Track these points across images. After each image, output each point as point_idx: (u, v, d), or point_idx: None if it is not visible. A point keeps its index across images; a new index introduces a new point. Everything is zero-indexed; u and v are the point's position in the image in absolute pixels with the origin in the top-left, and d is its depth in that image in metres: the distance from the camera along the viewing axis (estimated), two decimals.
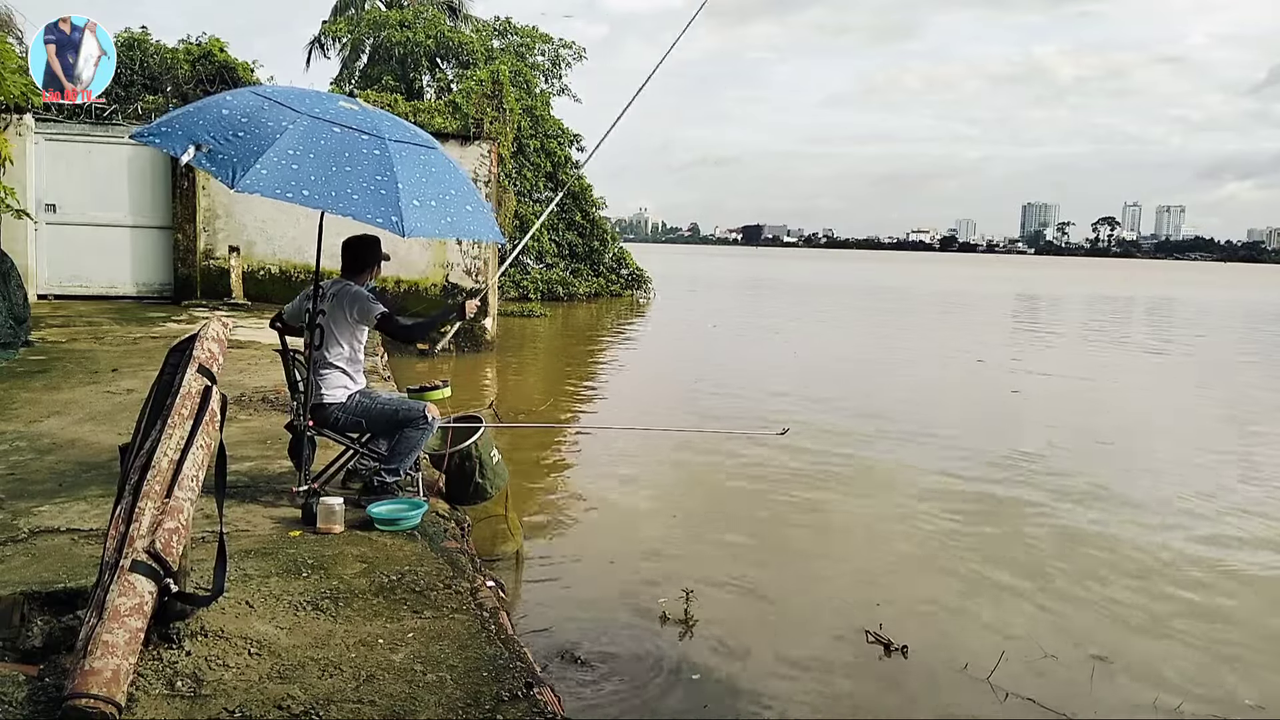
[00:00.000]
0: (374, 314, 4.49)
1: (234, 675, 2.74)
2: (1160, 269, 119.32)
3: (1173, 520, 7.14)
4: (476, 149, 14.26)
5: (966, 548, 6.38)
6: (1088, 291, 48.53)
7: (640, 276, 29.54)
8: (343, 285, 4.57)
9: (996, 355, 17.87)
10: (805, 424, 9.98)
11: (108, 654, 2.40)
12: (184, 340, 3.20)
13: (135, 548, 2.64)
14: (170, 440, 2.87)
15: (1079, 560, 6.20)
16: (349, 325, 4.51)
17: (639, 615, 4.99)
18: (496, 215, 5.92)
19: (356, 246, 4.65)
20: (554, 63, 29.00)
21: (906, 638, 4.72)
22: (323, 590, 3.41)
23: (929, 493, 7.65)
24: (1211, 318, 31.95)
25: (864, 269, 77.04)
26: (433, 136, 4.43)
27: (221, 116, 3.69)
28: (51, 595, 3.19)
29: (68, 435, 5.63)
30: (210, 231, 13.60)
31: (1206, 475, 8.69)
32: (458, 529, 4.51)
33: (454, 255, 14.35)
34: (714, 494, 7.68)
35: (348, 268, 4.66)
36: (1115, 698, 4.35)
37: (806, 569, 6.00)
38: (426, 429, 4.52)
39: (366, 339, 4.67)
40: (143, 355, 8.65)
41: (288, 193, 3.54)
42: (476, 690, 2.77)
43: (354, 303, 4.49)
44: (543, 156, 25.89)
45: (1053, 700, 4.21)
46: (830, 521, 7.04)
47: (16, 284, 8.91)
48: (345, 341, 4.52)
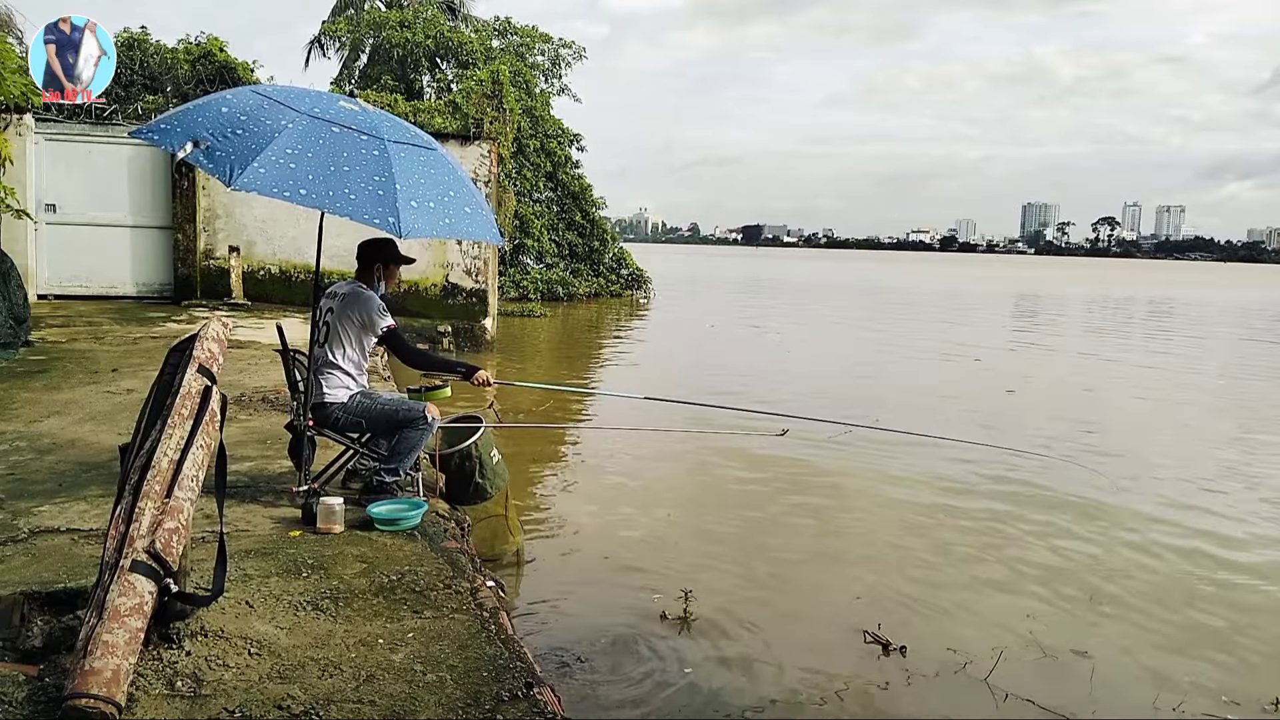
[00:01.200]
0: (380, 326, 4.49)
1: (234, 675, 2.74)
2: (1160, 269, 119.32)
3: (1172, 519, 7.13)
4: (476, 149, 14.27)
5: (965, 547, 6.38)
6: (1088, 292, 48.53)
7: (640, 276, 29.55)
8: (354, 287, 4.57)
9: (995, 355, 17.88)
10: (803, 424, 9.97)
11: (108, 654, 2.40)
12: (184, 340, 3.20)
13: (135, 548, 2.64)
14: (170, 440, 2.87)
15: (1078, 560, 6.20)
16: (355, 328, 4.51)
17: (638, 615, 4.98)
18: (496, 215, 5.93)
19: (363, 246, 4.65)
20: (554, 63, 29.01)
21: (905, 637, 4.72)
22: (323, 590, 3.41)
23: (928, 493, 7.65)
24: (1210, 317, 31.95)
25: (864, 269, 77.04)
26: (433, 137, 4.43)
27: (221, 115, 3.70)
28: (51, 595, 3.19)
29: (68, 435, 5.63)
30: (210, 231, 13.61)
31: (1206, 474, 8.68)
32: (458, 529, 4.51)
33: (454, 255, 14.35)
34: (713, 494, 7.68)
35: (358, 269, 4.68)
36: (1115, 698, 4.35)
37: (805, 569, 6.00)
38: (427, 429, 4.52)
39: (372, 345, 4.67)
40: (143, 355, 8.66)
41: (285, 191, 3.54)
42: (476, 690, 2.77)
43: (364, 309, 4.49)
44: (542, 156, 25.89)
45: (1053, 700, 4.20)
46: (829, 521, 7.04)
47: (16, 284, 8.91)
48: (350, 343, 4.52)
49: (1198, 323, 29.64)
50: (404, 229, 3.64)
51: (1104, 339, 23.37)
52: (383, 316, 4.51)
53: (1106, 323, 29.45)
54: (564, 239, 27.26)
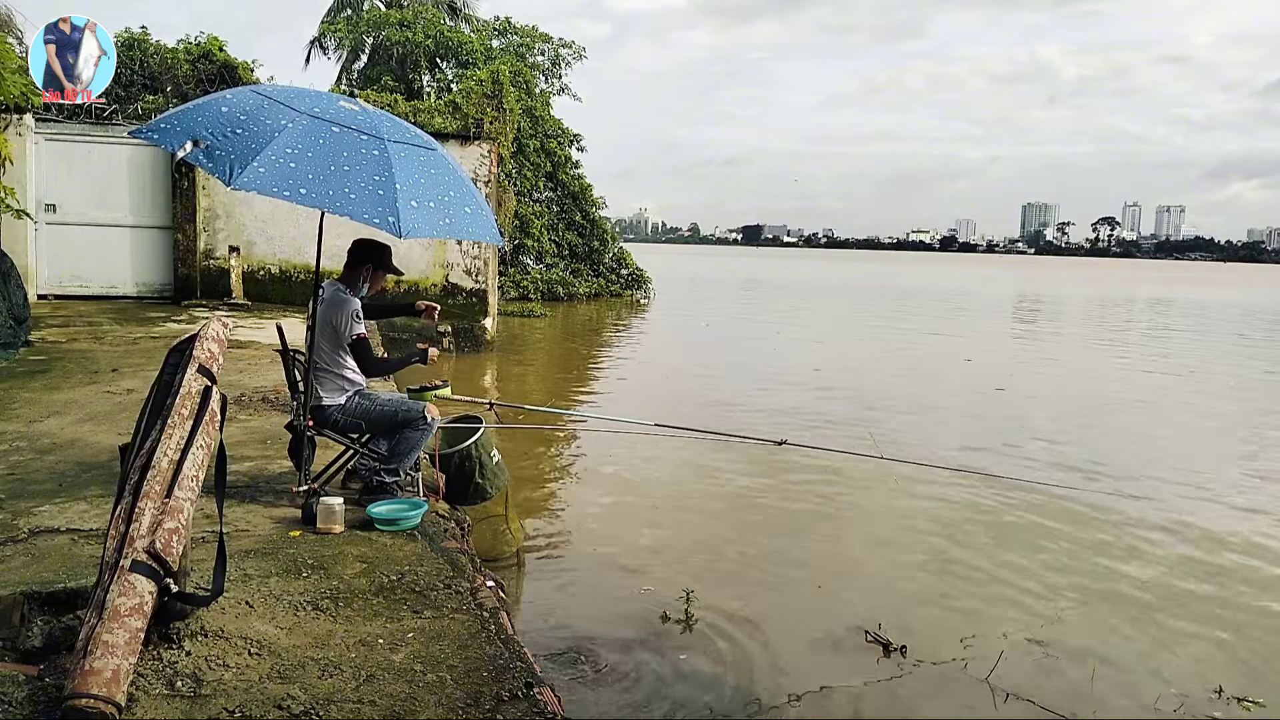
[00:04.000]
0: (350, 334, 4.47)
1: (234, 675, 2.74)
2: (1160, 269, 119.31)
3: (1171, 518, 7.13)
4: (476, 149, 14.26)
5: (965, 548, 6.38)
6: (1087, 292, 48.51)
7: (640, 276, 29.56)
8: (336, 290, 4.55)
9: (994, 354, 17.88)
10: (802, 421, 9.99)
11: (108, 654, 2.40)
12: (184, 340, 3.20)
13: (135, 548, 2.64)
14: (170, 440, 2.87)
15: (1078, 559, 6.20)
16: (332, 333, 4.49)
17: (639, 615, 4.99)
18: (496, 215, 5.94)
19: (357, 244, 4.64)
20: (554, 62, 29.03)
21: (905, 637, 4.72)
22: (323, 590, 3.41)
23: (927, 493, 7.65)
24: (1208, 316, 31.95)
25: (863, 270, 77.01)
26: (433, 137, 4.43)
27: (220, 114, 3.69)
28: (51, 595, 3.19)
29: (68, 435, 5.62)
30: (210, 231, 13.60)
31: (1204, 473, 8.69)
32: (458, 529, 4.51)
33: (454, 255, 14.35)
34: (713, 494, 7.68)
35: (346, 266, 4.67)
36: (1115, 698, 4.35)
37: (805, 569, 6.00)
38: (426, 429, 4.52)
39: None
40: (143, 355, 8.65)
41: (284, 191, 3.54)
42: (476, 690, 2.77)
43: (338, 315, 4.47)
44: (542, 156, 25.89)
45: (1053, 700, 4.21)
46: (829, 523, 7.04)
47: (16, 284, 8.91)
48: (331, 346, 4.50)
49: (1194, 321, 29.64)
50: (404, 229, 3.63)
51: (1102, 338, 23.37)
52: (355, 324, 4.48)
53: (1104, 322, 29.44)
54: (564, 239, 27.27)
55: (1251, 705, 4.28)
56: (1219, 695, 4.36)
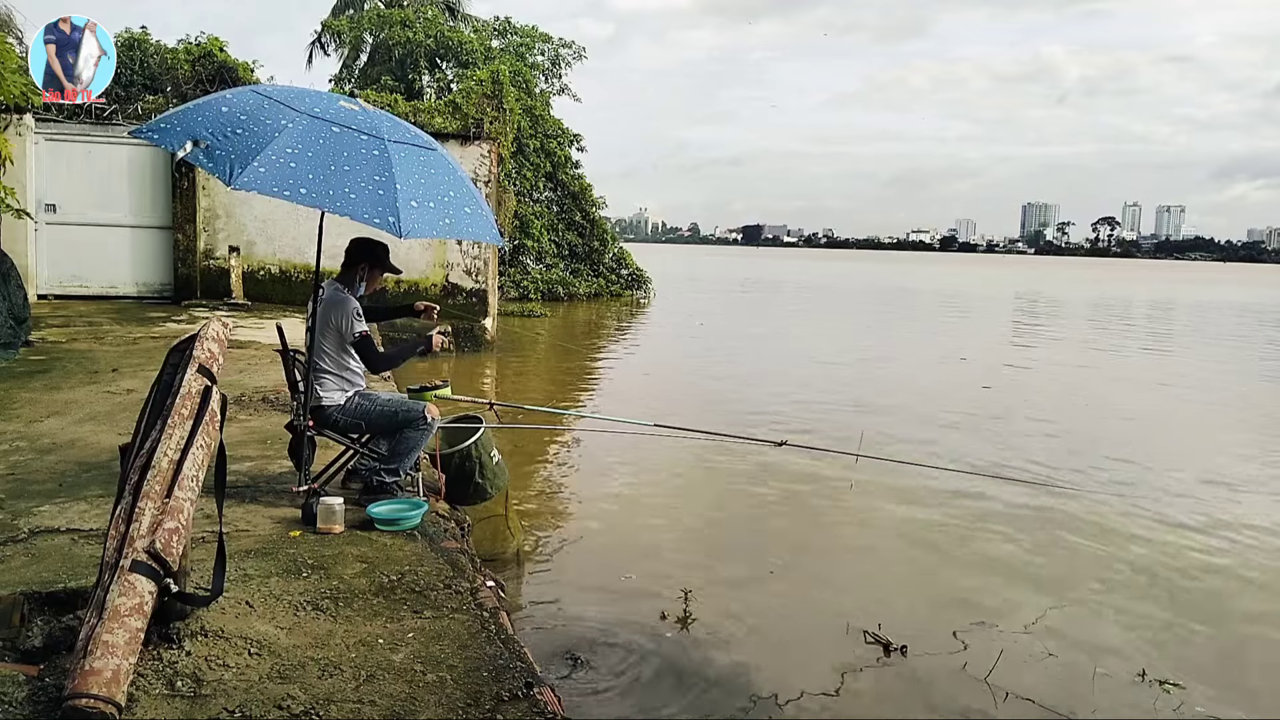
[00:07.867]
0: (352, 332, 4.48)
1: (234, 675, 2.74)
2: (1160, 269, 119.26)
3: (1170, 518, 7.13)
4: (476, 149, 14.26)
5: (964, 548, 6.38)
6: (1087, 292, 48.50)
7: (640, 276, 29.56)
8: (334, 290, 4.55)
9: (993, 354, 17.87)
10: (802, 422, 9.99)
11: (108, 654, 2.40)
12: (184, 340, 3.20)
13: (135, 548, 2.64)
14: (170, 440, 2.87)
15: (1077, 559, 6.20)
16: (334, 333, 4.50)
17: (639, 615, 4.98)
18: (496, 215, 5.94)
19: (354, 242, 4.64)
20: (554, 62, 29.01)
21: (905, 637, 4.72)
22: (323, 590, 3.41)
23: (926, 494, 7.64)
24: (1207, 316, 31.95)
25: (863, 269, 76.99)
26: (433, 137, 4.43)
27: (221, 114, 3.69)
28: (51, 595, 3.19)
29: (68, 435, 5.62)
30: (210, 231, 13.61)
31: (1203, 472, 8.68)
32: (458, 529, 4.51)
33: (454, 255, 14.35)
34: (712, 494, 7.68)
35: (343, 264, 4.67)
36: (1115, 698, 4.35)
37: (805, 569, 6.00)
38: (426, 429, 4.52)
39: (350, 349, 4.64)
40: (143, 355, 8.65)
41: (284, 191, 3.54)
42: (476, 690, 2.77)
43: (339, 315, 4.48)
44: (542, 156, 25.88)
45: (1053, 700, 4.21)
46: (829, 523, 7.04)
47: (16, 284, 8.91)
48: (333, 346, 4.51)
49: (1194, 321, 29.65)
50: (404, 229, 3.64)
51: (1101, 337, 23.36)
52: (357, 322, 4.49)
53: (1104, 322, 29.44)
54: (564, 239, 27.26)
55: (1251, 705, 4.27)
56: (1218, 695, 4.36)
